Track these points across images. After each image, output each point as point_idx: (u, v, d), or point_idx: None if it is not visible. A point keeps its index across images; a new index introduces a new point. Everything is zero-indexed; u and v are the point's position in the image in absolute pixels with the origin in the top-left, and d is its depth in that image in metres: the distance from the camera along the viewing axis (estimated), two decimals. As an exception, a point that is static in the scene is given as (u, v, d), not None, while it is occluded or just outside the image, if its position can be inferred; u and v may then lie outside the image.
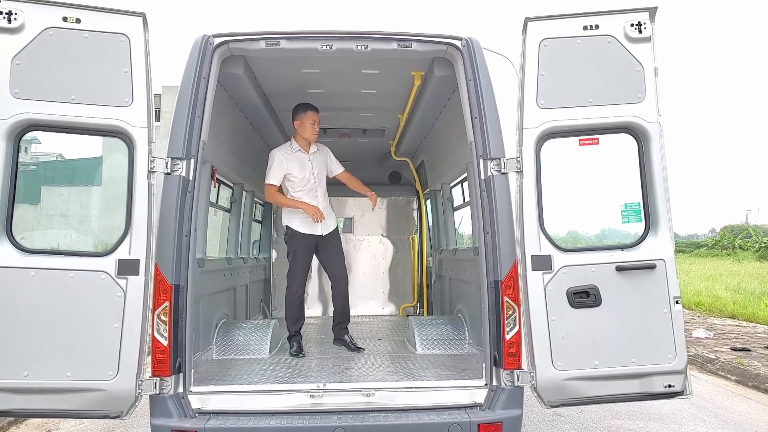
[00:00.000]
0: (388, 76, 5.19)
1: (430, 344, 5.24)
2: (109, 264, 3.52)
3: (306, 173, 5.36)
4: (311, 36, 4.03)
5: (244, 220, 6.93)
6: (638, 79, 3.76)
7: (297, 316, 5.40)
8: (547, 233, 3.72)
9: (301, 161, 5.37)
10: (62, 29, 3.52)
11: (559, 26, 3.76)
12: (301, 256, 5.42)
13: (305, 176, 5.35)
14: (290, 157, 5.35)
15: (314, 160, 5.44)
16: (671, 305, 3.68)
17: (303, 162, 5.37)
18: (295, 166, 5.33)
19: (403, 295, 8.72)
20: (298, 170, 5.33)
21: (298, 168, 5.34)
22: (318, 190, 5.42)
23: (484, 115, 3.86)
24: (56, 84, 3.52)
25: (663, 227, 3.77)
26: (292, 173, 5.32)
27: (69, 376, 3.45)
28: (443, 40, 4.06)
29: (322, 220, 5.30)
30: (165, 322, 3.61)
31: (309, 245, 5.44)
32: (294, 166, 5.33)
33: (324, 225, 5.41)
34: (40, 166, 27.86)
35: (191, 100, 3.78)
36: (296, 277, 5.42)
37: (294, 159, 5.35)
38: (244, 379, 4.20)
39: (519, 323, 3.71)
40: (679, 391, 3.74)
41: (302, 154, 5.39)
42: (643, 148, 3.79)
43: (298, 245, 5.42)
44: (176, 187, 3.67)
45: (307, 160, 5.40)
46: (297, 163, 5.34)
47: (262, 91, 5.55)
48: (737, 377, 7.68)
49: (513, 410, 3.67)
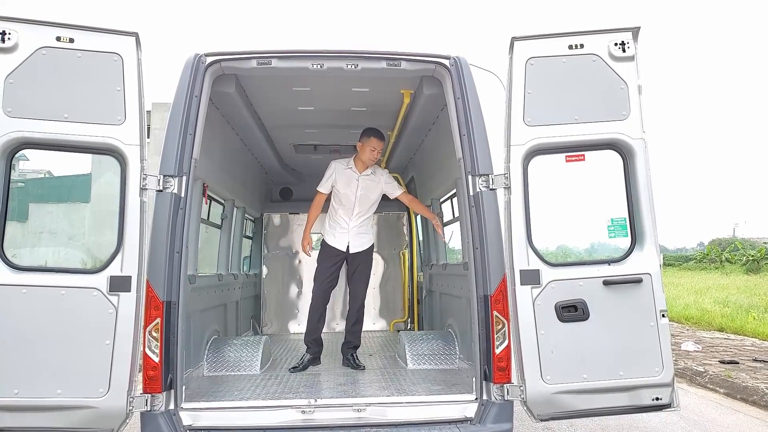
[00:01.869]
0: (378, 94, 5.26)
1: (421, 359, 5.26)
2: (101, 281, 3.53)
3: (349, 191, 5.58)
4: (302, 55, 4.10)
5: (235, 236, 6.94)
6: (622, 96, 3.84)
7: (315, 325, 5.53)
8: (535, 248, 3.77)
9: (349, 178, 5.59)
10: (56, 49, 3.56)
11: (545, 45, 3.84)
12: (324, 266, 5.62)
13: (347, 193, 5.58)
14: (343, 171, 5.60)
15: (362, 181, 5.62)
16: (658, 318, 3.74)
17: (351, 180, 5.59)
18: (343, 181, 5.57)
19: (394, 310, 8.72)
20: (343, 185, 5.57)
21: (344, 184, 5.57)
22: (356, 209, 5.61)
23: (473, 133, 3.93)
24: (49, 102, 3.55)
25: (649, 242, 3.83)
26: (337, 186, 5.58)
27: (60, 393, 3.44)
28: (431, 59, 4.13)
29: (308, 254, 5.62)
30: (156, 338, 3.61)
31: (334, 258, 5.62)
32: (341, 181, 5.57)
33: (352, 243, 5.60)
34: (28, 183, 27.62)
35: (183, 118, 3.81)
36: (318, 285, 5.61)
37: (344, 174, 5.59)
38: (235, 395, 4.19)
39: (508, 337, 3.75)
40: (666, 404, 3.78)
41: (353, 173, 5.60)
42: (629, 165, 3.87)
43: (325, 256, 5.65)
44: (168, 204, 3.70)
45: (355, 180, 5.60)
46: (345, 179, 5.58)
47: (254, 109, 5.60)
48: (726, 390, 7.73)
49: (503, 424, 3.70)
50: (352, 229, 5.59)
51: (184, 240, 3.74)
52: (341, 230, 5.60)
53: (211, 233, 6.78)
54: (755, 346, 10.71)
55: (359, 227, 5.65)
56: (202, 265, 7.35)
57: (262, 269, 8.48)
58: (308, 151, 7.14)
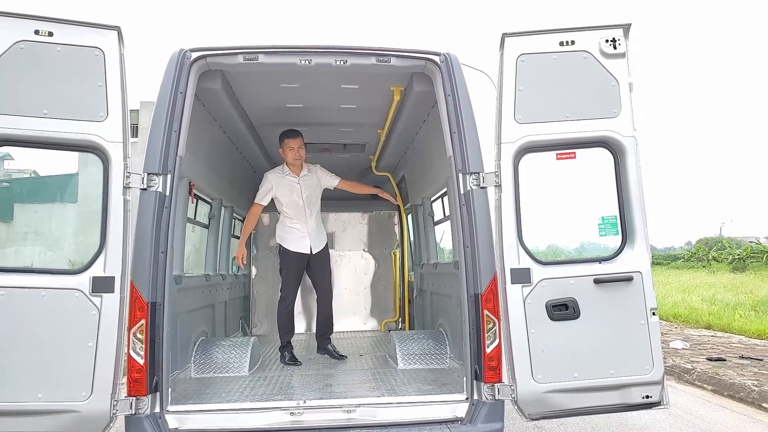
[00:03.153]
0: (368, 92, 5.20)
1: (412, 359, 5.22)
2: (83, 282, 3.45)
3: (294, 196, 5.68)
4: (290, 51, 4.03)
5: (223, 236, 6.86)
6: (613, 94, 3.82)
7: (289, 327, 5.72)
8: (526, 246, 3.74)
9: (290, 185, 5.68)
10: (34, 42, 3.47)
11: (536, 42, 3.81)
12: (292, 271, 5.75)
13: (294, 199, 5.68)
14: (281, 181, 5.69)
15: (303, 183, 5.72)
16: (648, 317, 3.72)
17: (292, 186, 5.69)
18: (284, 189, 5.67)
19: (385, 310, 8.68)
20: (286, 193, 5.67)
21: (287, 191, 5.67)
22: (307, 211, 5.73)
23: (463, 130, 3.89)
24: (28, 98, 3.45)
25: (639, 240, 3.81)
26: (279, 196, 5.68)
27: (41, 397, 3.36)
28: (422, 56, 4.09)
29: (241, 266, 5.85)
30: (141, 340, 3.53)
31: (300, 262, 5.76)
32: (282, 190, 5.67)
33: (313, 244, 5.76)
34: (13, 183, 27.27)
35: (168, 114, 3.74)
36: (288, 290, 5.74)
37: (283, 182, 5.68)
38: (223, 397, 4.12)
39: (499, 336, 3.71)
40: (656, 402, 3.77)
41: (291, 178, 5.70)
42: (619, 162, 3.85)
43: (289, 262, 5.75)
44: (152, 203, 3.62)
45: (296, 184, 5.70)
46: (286, 186, 5.67)
47: (241, 105, 5.53)
48: (713, 387, 7.77)
49: (494, 424, 3.66)
50: (312, 230, 5.74)
51: (169, 240, 3.66)
52: (301, 235, 5.71)
53: (198, 233, 6.70)
54: (742, 343, 10.79)
55: (317, 227, 5.82)
56: (190, 266, 7.27)
57: (252, 270, 8.39)
58: None
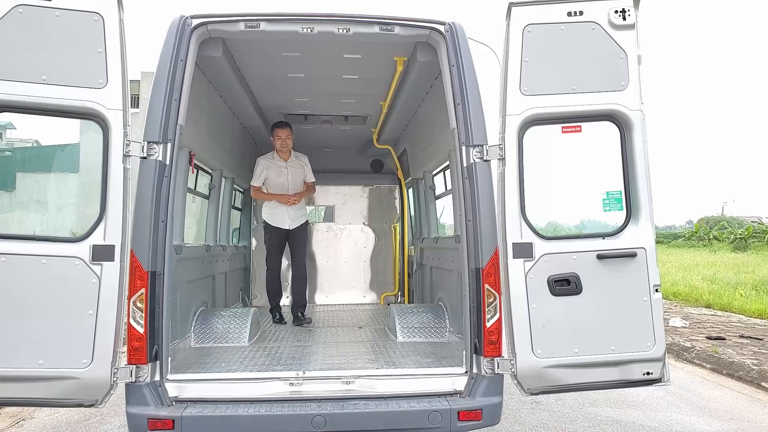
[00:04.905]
0: (371, 61, 5.12)
1: (411, 332, 5.23)
2: (83, 250, 3.43)
3: (282, 179, 6.40)
4: (292, 18, 3.96)
5: (223, 207, 6.83)
6: (621, 66, 3.74)
7: (276, 290, 6.53)
8: (529, 221, 3.70)
9: (279, 169, 6.39)
10: (33, 7, 3.40)
11: (543, 12, 3.72)
12: (273, 244, 6.54)
13: (281, 182, 6.41)
14: (270, 164, 6.38)
15: (290, 168, 6.43)
16: (651, 293, 3.71)
17: (280, 170, 6.39)
18: (273, 173, 6.38)
19: (385, 283, 8.70)
20: (275, 177, 6.39)
21: (276, 175, 6.39)
22: (290, 192, 6.40)
23: (467, 101, 3.82)
24: (27, 64, 3.40)
25: (644, 216, 3.78)
26: (269, 179, 6.39)
27: (41, 364, 3.37)
28: (426, 25, 4.00)
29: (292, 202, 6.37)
30: (141, 309, 3.53)
31: (280, 236, 6.51)
32: (272, 173, 6.37)
33: (291, 221, 6.47)
34: (16, 152, 27.21)
35: (168, 82, 3.68)
36: (272, 260, 6.56)
37: (273, 167, 6.38)
38: (222, 367, 4.14)
39: (500, 311, 3.70)
40: (657, 378, 3.77)
41: (280, 163, 6.40)
42: (626, 137, 3.79)
43: (271, 235, 6.54)
44: (152, 172, 3.58)
45: (284, 168, 6.40)
46: (275, 171, 6.38)
47: (242, 74, 5.45)
48: (712, 365, 7.81)
49: (493, 398, 3.67)
50: (291, 209, 6.41)
51: (169, 209, 3.63)
52: (281, 212, 6.42)
53: (199, 204, 6.68)
54: (741, 322, 10.83)
55: (298, 207, 6.50)
56: (191, 237, 7.26)
57: (252, 241, 8.38)
58: (299, 122, 7.00)
